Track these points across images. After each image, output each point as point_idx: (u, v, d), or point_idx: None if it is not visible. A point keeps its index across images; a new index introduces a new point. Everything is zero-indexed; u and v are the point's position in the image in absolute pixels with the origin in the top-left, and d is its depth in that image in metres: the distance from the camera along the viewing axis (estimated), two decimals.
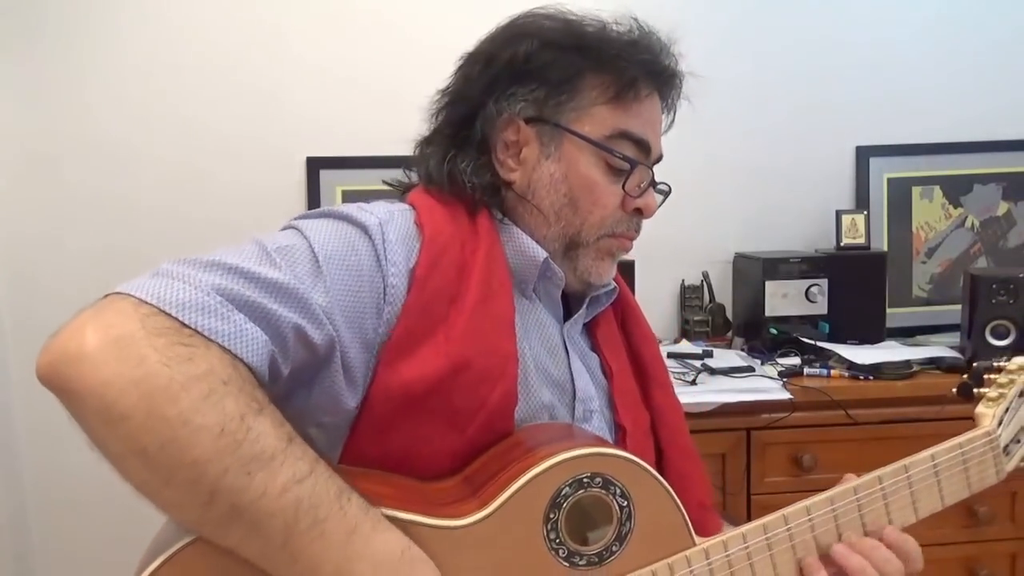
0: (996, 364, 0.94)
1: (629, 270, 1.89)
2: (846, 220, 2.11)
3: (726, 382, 1.79)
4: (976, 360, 1.78)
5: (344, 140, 2.12)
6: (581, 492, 0.75)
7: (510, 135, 0.89)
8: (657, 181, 0.94)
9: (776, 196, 2.25)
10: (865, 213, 2.13)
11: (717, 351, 1.99)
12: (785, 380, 1.79)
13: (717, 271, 2.22)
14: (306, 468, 0.66)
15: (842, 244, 2.11)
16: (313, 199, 2.13)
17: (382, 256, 0.79)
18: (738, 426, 1.72)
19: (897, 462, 0.86)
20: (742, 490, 1.73)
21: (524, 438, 0.82)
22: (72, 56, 2.06)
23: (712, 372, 1.83)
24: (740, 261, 2.17)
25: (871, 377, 1.79)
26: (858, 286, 2.04)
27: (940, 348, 1.97)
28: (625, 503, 0.77)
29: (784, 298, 2.00)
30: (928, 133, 2.24)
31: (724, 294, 2.20)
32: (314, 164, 2.13)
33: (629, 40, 0.89)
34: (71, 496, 2.08)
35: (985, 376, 0.94)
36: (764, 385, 1.76)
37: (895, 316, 2.14)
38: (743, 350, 2.07)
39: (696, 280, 2.21)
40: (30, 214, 2.08)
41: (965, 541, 1.76)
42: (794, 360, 1.92)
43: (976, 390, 0.93)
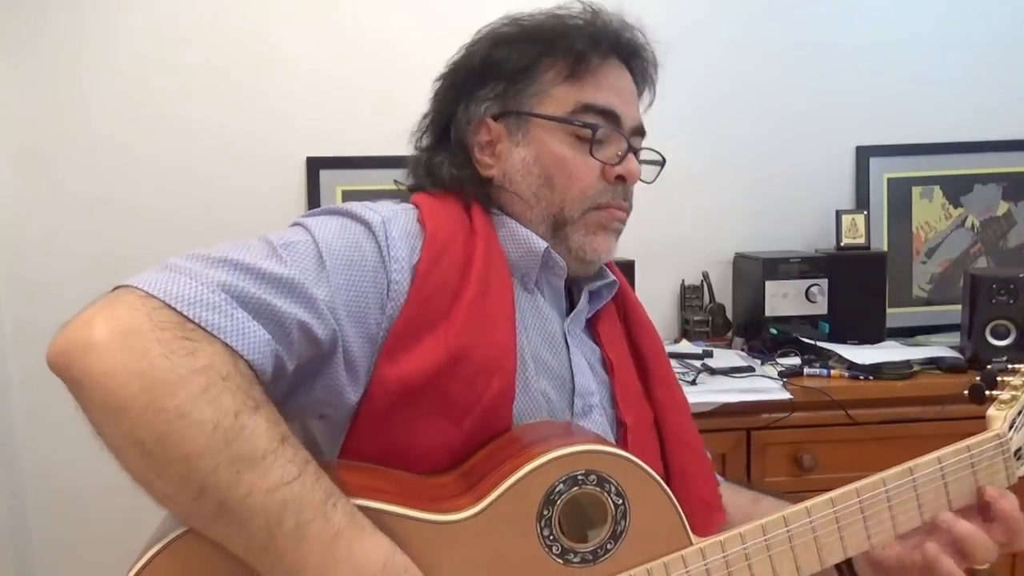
0: (1011, 367, 0.92)
1: (629, 270, 1.89)
2: (846, 220, 2.11)
3: (726, 382, 1.79)
4: (976, 360, 1.80)
5: (344, 140, 2.12)
6: (575, 489, 0.75)
7: (483, 136, 0.93)
8: (639, 148, 0.95)
9: (776, 196, 2.25)
10: (865, 213, 2.13)
11: (717, 351, 1.99)
12: (785, 380, 1.79)
13: (717, 271, 2.22)
14: (295, 471, 0.66)
15: (842, 244, 2.11)
16: (313, 199, 2.13)
17: (385, 252, 0.80)
18: (738, 426, 1.72)
19: (902, 464, 0.84)
20: None
21: (521, 435, 0.82)
22: (70, 57, 2.06)
23: (712, 372, 1.83)
24: (740, 261, 2.17)
25: (871, 377, 1.79)
26: (858, 286, 2.04)
27: (940, 348, 1.97)
28: (620, 501, 0.76)
29: (784, 298, 2.00)
30: (928, 133, 2.24)
31: (724, 294, 2.20)
32: (314, 164, 2.13)
33: (578, 21, 0.92)
34: (71, 495, 2.08)
35: (998, 379, 0.92)
36: (764, 385, 1.76)
37: (895, 316, 2.14)
38: (743, 350, 2.07)
39: (696, 280, 2.21)
40: (29, 216, 2.08)
41: None
42: (794, 360, 1.91)
43: (988, 392, 0.90)
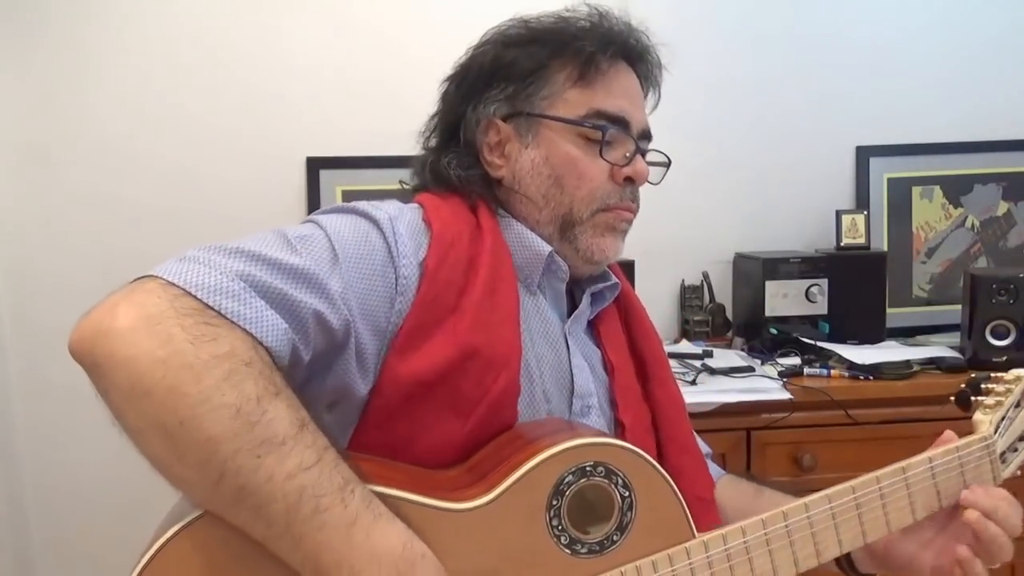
0: (993, 375, 0.97)
1: (629, 270, 1.89)
2: (846, 220, 2.11)
3: (726, 382, 1.79)
4: (976, 360, 1.80)
5: (344, 140, 2.12)
6: (583, 480, 0.76)
7: (492, 136, 0.94)
8: (646, 150, 0.97)
9: (776, 196, 2.25)
10: (865, 213, 2.13)
11: (717, 351, 1.99)
12: (785, 380, 1.79)
13: (717, 271, 2.22)
14: (314, 456, 0.67)
15: (842, 244, 2.11)
16: (313, 199, 2.13)
17: (393, 248, 0.82)
18: (738, 426, 1.72)
19: (895, 464, 0.88)
20: None
21: (526, 431, 0.84)
22: (72, 56, 2.06)
23: (712, 372, 1.83)
24: (740, 261, 2.17)
25: (871, 377, 1.79)
26: (858, 286, 2.04)
27: (940, 348, 1.97)
28: (627, 493, 0.78)
29: (784, 298, 2.00)
30: (928, 133, 2.24)
31: (724, 294, 2.20)
32: (314, 164, 2.13)
33: (585, 24, 0.94)
34: (71, 495, 2.08)
35: (983, 385, 0.97)
36: (764, 385, 1.76)
37: (895, 316, 2.14)
38: (743, 350, 2.07)
39: (696, 280, 2.21)
40: (30, 213, 2.08)
41: None
42: (794, 360, 1.91)
43: (974, 398, 0.96)
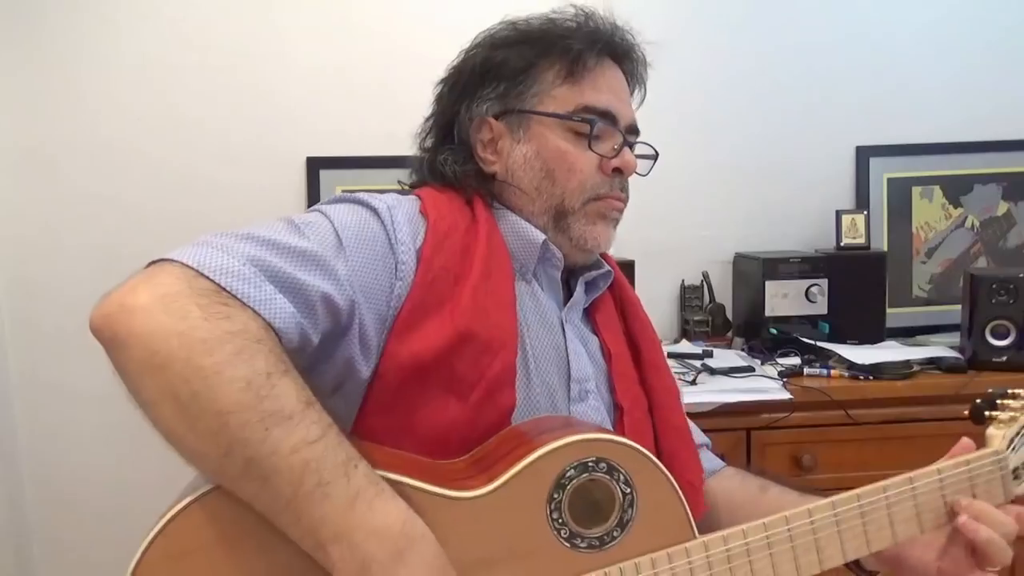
0: (1011, 391, 0.95)
1: (629, 270, 1.89)
2: (846, 220, 2.11)
3: (726, 382, 1.79)
4: (976, 360, 1.81)
5: (344, 140, 2.12)
6: (585, 476, 0.77)
7: (485, 134, 0.97)
8: (633, 142, 1.00)
9: (776, 196, 2.25)
10: (865, 213, 2.13)
11: (717, 351, 1.99)
12: (785, 380, 1.79)
13: (717, 271, 2.22)
14: (318, 431, 0.69)
15: (842, 244, 2.11)
16: (313, 199, 2.13)
17: (392, 235, 0.85)
18: (738, 426, 1.72)
19: (903, 475, 0.86)
20: None
21: (529, 428, 0.85)
22: (70, 56, 2.06)
23: (712, 372, 1.83)
24: (740, 261, 2.17)
25: (871, 377, 1.79)
26: (858, 286, 2.04)
27: (940, 348, 1.97)
28: (628, 490, 0.78)
29: (784, 298, 2.00)
30: (928, 133, 2.24)
31: (724, 294, 2.20)
32: (314, 164, 2.13)
33: (572, 24, 0.98)
34: (71, 495, 2.08)
35: (998, 401, 0.95)
36: (764, 385, 1.76)
37: (895, 316, 2.14)
38: (743, 350, 2.07)
39: (696, 280, 2.21)
40: (29, 215, 2.08)
41: None
42: (794, 360, 1.92)
43: (988, 413, 0.94)
